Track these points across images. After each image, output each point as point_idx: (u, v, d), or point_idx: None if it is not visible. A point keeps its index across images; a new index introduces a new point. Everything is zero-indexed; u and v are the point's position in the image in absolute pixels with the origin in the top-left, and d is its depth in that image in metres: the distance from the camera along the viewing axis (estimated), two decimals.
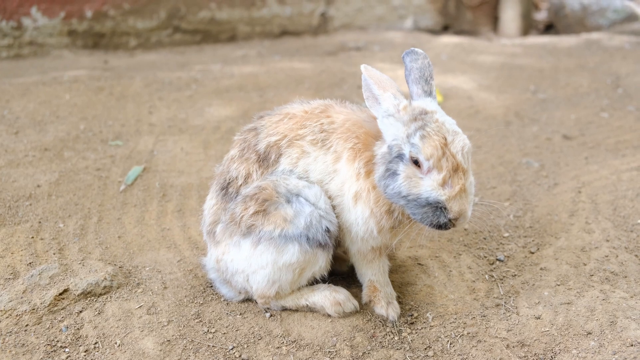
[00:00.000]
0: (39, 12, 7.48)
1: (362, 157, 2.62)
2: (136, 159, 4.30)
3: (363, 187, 2.60)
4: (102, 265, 3.05)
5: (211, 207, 2.89)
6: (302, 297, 2.80)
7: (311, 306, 2.79)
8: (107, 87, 5.68)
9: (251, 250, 2.69)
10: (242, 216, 2.68)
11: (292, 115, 2.82)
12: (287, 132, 2.77)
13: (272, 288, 2.73)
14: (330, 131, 2.72)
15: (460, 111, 5.41)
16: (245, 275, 2.75)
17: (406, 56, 2.73)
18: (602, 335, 2.58)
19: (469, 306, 2.87)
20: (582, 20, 9.53)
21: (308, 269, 2.71)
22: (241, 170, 2.80)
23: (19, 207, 3.61)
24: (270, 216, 2.65)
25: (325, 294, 2.80)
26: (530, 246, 3.35)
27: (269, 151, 2.78)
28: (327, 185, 2.71)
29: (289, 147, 2.75)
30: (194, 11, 8.35)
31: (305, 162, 2.73)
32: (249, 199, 2.69)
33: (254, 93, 5.72)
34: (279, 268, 2.68)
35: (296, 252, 2.63)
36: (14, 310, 2.73)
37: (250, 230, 2.68)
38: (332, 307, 2.76)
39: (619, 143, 4.70)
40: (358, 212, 2.63)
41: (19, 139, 4.49)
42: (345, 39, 8.82)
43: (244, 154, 2.83)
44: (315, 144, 2.72)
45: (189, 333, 2.67)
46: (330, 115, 2.78)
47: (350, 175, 2.63)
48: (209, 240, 2.91)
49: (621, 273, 3.02)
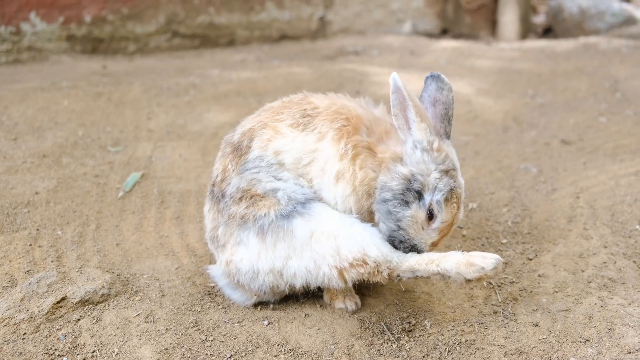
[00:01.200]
0: (37, 17, 7.48)
1: (351, 140, 2.63)
2: (134, 166, 4.30)
3: (347, 167, 2.61)
4: (100, 273, 3.05)
5: (207, 212, 2.91)
6: (433, 263, 2.54)
7: (443, 273, 2.52)
8: (105, 92, 5.69)
9: (261, 244, 2.67)
10: (237, 213, 2.70)
11: (269, 107, 2.87)
12: (263, 120, 2.79)
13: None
14: (314, 115, 2.72)
15: (459, 116, 5.41)
16: (278, 272, 2.68)
17: (432, 81, 2.73)
18: (600, 343, 2.58)
19: (467, 313, 2.87)
20: (581, 24, 9.55)
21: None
22: (219, 167, 2.85)
23: (17, 214, 3.61)
24: (260, 203, 2.67)
25: (458, 258, 2.51)
26: (528, 253, 3.35)
27: (242, 139, 2.79)
28: (306, 168, 2.69)
29: (262, 129, 2.75)
30: (193, 16, 8.36)
31: (277, 143, 2.70)
32: (239, 200, 2.70)
33: (253, 98, 5.73)
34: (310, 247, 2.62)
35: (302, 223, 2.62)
36: (12, 319, 2.72)
37: (245, 220, 2.68)
38: (467, 269, 2.47)
39: (617, 148, 4.71)
40: (338, 190, 2.63)
41: (17, 145, 4.49)
42: (343, 43, 8.83)
43: (223, 151, 2.89)
44: (296, 127, 2.71)
45: (187, 341, 2.67)
46: (312, 101, 2.79)
47: (333, 154, 2.63)
48: (213, 246, 2.89)
49: (619, 280, 3.02)
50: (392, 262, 2.57)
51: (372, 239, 2.59)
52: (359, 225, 2.63)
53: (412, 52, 7.95)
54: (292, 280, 2.69)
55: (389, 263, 2.57)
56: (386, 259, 2.56)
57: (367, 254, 2.55)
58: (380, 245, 2.59)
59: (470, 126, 5.25)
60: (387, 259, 2.57)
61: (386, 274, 2.58)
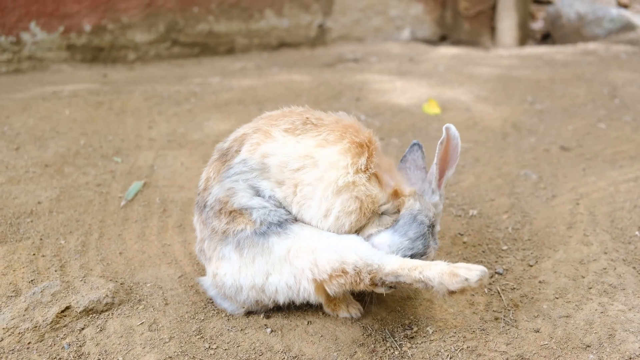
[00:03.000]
0: (37, 27, 7.53)
1: (371, 161, 2.64)
2: (136, 174, 4.32)
3: (360, 182, 2.60)
4: (104, 282, 3.07)
5: (195, 223, 2.91)
6: (416, 270, 2.50)
7: (425, 281, 2.47)
8: (106, 101, 5.71)
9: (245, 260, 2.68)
10: (219, 228, 2.70)
11: (268, 115, 2.85)
12: (258, 125, 2.75)
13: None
14: (319, 125, 2.69)
15: (458, 123, 5.44)
16: (260, 288, 2.69)
17: (417, 148, 3.05)
18: (601, 349, 2.60)
19: (468, 320, 2.88)
20: (579, 30, 9.60)
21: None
22: (203, 176, 2.85)
23: (20, 223, 3.63)
24: (238, 219, 2.67)
25: (443, 268, 2.46)
26: (529, 259, 3.37)
27: (232, 145, 2.75)
28: (293, 173, 2.62)
29: (255, 133, 2.71)
30: (192, 24, 8.40)
31: (267, 146, 2.65)
32: (219, 212, 2.69)
33: (253, 106, 5.75)
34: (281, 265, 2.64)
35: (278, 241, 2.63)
36: (17, 328, 2.74)
37: (226, 235, 2.69)
38: (450, 280, 2.42)
39: (616, 154, 4.73)
40: (337, 203, 2.58)
41: (19, 155, 4.51)
42: (342, 50, 8.87)
43: (210, 159, 2.88)
44: (291, 132, 2.67)
45: (191, 349, 2.68)
46: (315, 114, 2.79)
47: (344, 165, 2.57)
48: (202, 258, 2.91)
49: (619, 285, 3.04)
50: (372, 266, 2.50)
51: (350, 244, 2.55)
52: (336, 236, 2.61)
53: (411, 59, 7.98)
54: (275, 296, 2.70)
55: (369, 267, 2.50)
56: (366, 263, 2.50)
57: (345, 262, 2.50)
58: (358, 249, 2.54)
59: (470, 133, 5.27)
60: (367, 262, 2.50)
61: (368, 280, 2.52)
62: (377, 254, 2.56)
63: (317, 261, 2.53)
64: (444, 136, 2.70)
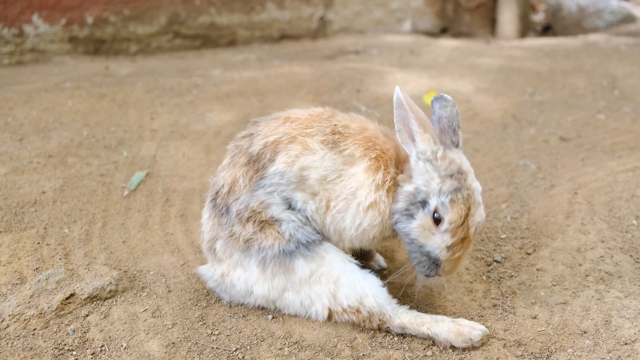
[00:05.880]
0: (40, 19, 7.55)
1: (388, 172, 2.65)
2: (139, 165, 4.36)
3: (382, 199, 2.63)
4: (108, 269, 3.12)
5: (207, 220, 2.90)
6: (424, 326, 2.68)
7: (432, 337, 2.66)
8: (109, 93, 5.75)
9: (260, 274, 2.75)
10: (241, 234, 2.73)
11: (294, 118, 2.78)
12: (290, 131, 2.70)
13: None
14: (346, 134, 2.69)
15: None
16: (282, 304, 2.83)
17: (435, 102, 2.73)
18: (597, 334, 2.64)
19: (467, 307, 2.93)
20: (580, 22, 9.60)
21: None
22: (227, 177, 2.77)
23: (25, 213, 3.67)
24: (267, 231, 2.71)
25: (449, 326, 2.64)
26: (527, 247, 3.41)
27: (263, 151, 2.69)
28: (329, 184, 2.67)
29: (291, 143, 2.67)
30: (194, 16, 8.42)
31: (306, 159, 2.65)
32: (246, 220, 2.71)
33: (255, 98, 5.78)
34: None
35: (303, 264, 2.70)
36: (22, 315, 2.79)
37: (249, 246, 2.73)
38: (456, 338, 2.61)
39: (615, 145, 4.76)
40: (367, 218, 2.65)
41: (23, 146, 4.55)
42: (344, 42, 8.89)
43: (233, 160, 2.79)
44: (326, 145, 2.67)
45: (193, 335, 2.73)
46: (341, 119, 2.77)
47: (369, 183, 2.62)
48: (209, 255, 2.94)
49: (616, 273, 3.08)
50: (385, 315, 2.69)
51: (371, 288, 2.70)
52: (360, 272, 2.73)
53: (412, 51, 8.00)
54: (283, 309, 2.84)
55: (382, 315, 2.68)
56: (381, 311, 2.68)
57: (362, 304, 2.68)
58: (378, 295, 2.69)
59: (470, 124, 5.30)
60: (381, 310, 2.68)
61: (376, 325, 2.72)
62: (392, 303, 2.72)
63: (337, 293, 2.70)
64: (394, 101, 2.61)
